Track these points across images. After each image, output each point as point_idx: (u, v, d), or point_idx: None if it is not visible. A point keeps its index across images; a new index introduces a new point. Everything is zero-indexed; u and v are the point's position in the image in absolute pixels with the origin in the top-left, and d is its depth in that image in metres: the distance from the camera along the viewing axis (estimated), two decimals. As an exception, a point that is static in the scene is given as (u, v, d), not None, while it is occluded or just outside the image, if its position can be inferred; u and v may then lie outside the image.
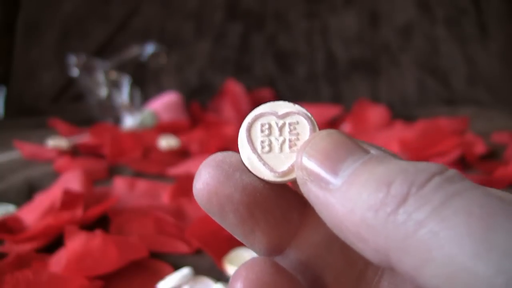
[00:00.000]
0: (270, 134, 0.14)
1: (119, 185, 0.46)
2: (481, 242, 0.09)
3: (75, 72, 0.76)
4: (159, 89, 0.88)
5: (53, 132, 0.69)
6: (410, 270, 0.10)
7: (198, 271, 0.31)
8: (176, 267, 0.32)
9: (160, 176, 0.51)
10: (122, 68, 0.79)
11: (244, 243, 0.15)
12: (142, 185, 0.46)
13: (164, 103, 0.79)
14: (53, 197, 0.39)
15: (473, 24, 1.00)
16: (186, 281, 0.30)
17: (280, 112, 0.15)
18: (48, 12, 0.96)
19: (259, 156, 0.14)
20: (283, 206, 0.14)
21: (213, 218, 0.14)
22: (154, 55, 0.83)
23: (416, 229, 0.10)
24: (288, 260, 0.15)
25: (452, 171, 0.11)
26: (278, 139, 0.14)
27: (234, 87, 0.86)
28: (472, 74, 0.98)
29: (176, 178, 0.49)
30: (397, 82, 0.98)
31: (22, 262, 0.30)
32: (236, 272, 0.13)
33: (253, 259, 0.14)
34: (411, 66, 0.99)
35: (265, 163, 0.14)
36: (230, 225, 0.14)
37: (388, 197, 0.11)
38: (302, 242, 0.15)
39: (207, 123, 0.78)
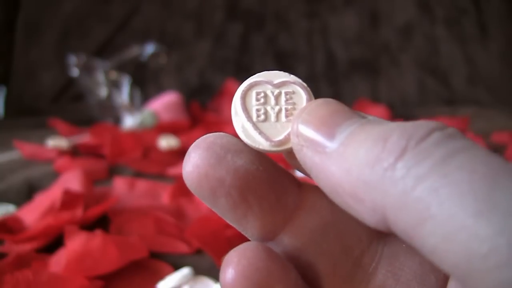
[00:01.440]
0: (265, 103, 0.14)
1: (119, 185, 0.46)
2: (484, 201, 0.09)
3: (75, 72, 0.76)
4: (159, 89, 0.88)
5: (53, 132, 0.69)
6: (407, 229, 0.10)
7: (198, 271, 0.31)
8: (176, 267, 0.32)
9: (160, 176, 0.51)
10: (122, 68, 0.79)
11: (236, 228, 0.14)
12: (142, 185, 0.46)
13: (164, 103, 0.79)
14: (53, 197, 0.39)
15: (473, 24, 1.00)
16: (186, 281, 0.30)
17: (276, 81, 0.14)
18: (48, 12, 0.96)
19: (254, 125, 0.13)
20: (277, 190, 0.14)
21: (204, 202, 0.13)
22: (154, 55, 0.83)
23: (414, 185, 0.09)
24: (281, 246, 0.14)
25: (452, 128, 0.10)
26: (274, 108, 0.14)
27: (234, 87, 0.86)
28: (472, 74, 0.98)
29: (176, 178, 0.49)
30: (397, 82, 0.98)
31: (22, 262, 0.30)
32: (228, 257, 0.13)
33: (245, 244, 0.13)
34: (411, 66, 0.99)
35: (260, 132, 0.13)
36: (222, 210, 0.13)
37: (385, 151, 0.10)
38: (297, 227, 0.14)
39: (207, 123, 0.78)
